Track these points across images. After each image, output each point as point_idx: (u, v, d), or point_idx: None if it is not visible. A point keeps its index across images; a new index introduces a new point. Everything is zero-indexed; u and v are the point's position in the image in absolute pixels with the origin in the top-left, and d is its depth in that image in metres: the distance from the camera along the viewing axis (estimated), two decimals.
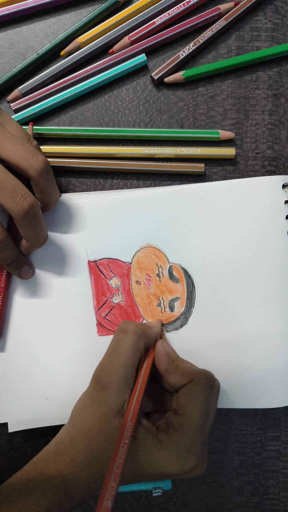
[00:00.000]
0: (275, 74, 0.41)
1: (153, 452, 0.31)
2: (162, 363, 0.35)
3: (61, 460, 0.32)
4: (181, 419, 0.32)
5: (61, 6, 0.41)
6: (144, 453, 0.31)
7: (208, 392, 0.33)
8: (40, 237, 0.34)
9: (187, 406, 0.32)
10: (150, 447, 0.31)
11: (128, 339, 0.34)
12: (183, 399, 0.33)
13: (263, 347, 0.39)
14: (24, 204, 0.31)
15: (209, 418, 0.33)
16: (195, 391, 0.33)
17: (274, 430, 0.42)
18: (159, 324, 0.38)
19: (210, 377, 0.34)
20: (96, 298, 0.39)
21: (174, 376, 0.34)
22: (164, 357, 0.36)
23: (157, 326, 0.38)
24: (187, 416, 0.32)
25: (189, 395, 0.33)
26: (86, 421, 0.32)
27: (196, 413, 0.32)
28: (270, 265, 0.39)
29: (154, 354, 0.36)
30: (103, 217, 0.39)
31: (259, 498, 0.42)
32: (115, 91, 0.41)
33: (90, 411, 0.33)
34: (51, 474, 0.31)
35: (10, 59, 0.41)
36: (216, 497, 0.42)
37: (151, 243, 0.39)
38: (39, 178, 0.32)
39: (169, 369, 0.35)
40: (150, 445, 0.31)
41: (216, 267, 0.39)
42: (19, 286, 0.39)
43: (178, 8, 0.40)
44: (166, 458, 0.31)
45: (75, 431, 0.33)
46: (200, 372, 0.34)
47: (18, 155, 0.32)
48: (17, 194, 0.31)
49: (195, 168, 0.40)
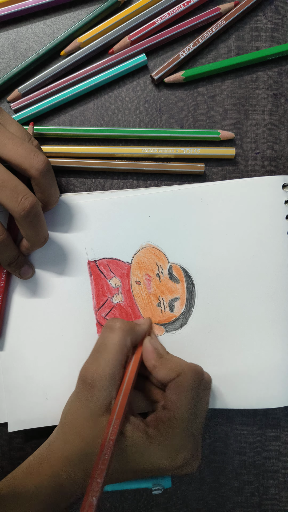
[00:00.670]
0: (275, 74, 0.41)
1: (142, 447, 0.31)
2: (149, 360, 0.35)
3: (53, 458, 0.32)
4: (169, 414, 0.32)
5: (61, 6, 0.41)
6: (133, 449, 0.31)
7: (196, 385, 0.33)
8: (41, 236, 0.34)
9: (175, 400, 0.32)
10: (139, 443, 0.31)
11: (115, 336, 0.34)
12: (171, 394, 0.33)
13: (263, 347, 0.39)
14: (25, 204, 0.31)
15: (199, 413, 0.33)
16: (182, 385, 0.33)
17: (274, 430, 0.42)
18: (147, 322, 0.38)
19: (198, 371, 0.34)
20: (96, 298, 0.39)
21: (161, 372, 0.34)
22: (151, 354, 0.35)
23: (145, 323, 0.38)
24: (175, 411, 0.32)
25: (176, 389, 0.33)
26: (76, 421, 0.32)
27: (184, 407, 0.32)
28: (270, 265, 0.39)
29: (142, 350, 0.36)
30: (103, 217, 0.39)
31: (259, 498, 0.42)
32: (115, 91, 0.41)
33: (79, 411, 0.33)
34: (46, 473, 0.31)
35: (10, 59, 0.41)
36: (216, 497, 0.42)
37: (151, 243, 0.39)
38: (40, 178, 0.32)
39: (156, 365, 0.35)
40: (139, 441, 0.31)
41: (216, 267, 0.39)
42: (19, 285, 0.39)
43: (178, 8, 0.40)
44: (156, 453, 0.31)
45: (66, 430, 0.33)
46: (188, 366, 0.34)
47: (19, 155, 0.32)
48: (19, 194, 0.31)
49: (195, 168, 0.40)
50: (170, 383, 0.33)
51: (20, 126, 0.34)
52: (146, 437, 0.32)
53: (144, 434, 0.32)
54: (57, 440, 0.33)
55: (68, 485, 0.31)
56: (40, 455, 0.33)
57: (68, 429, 0.33)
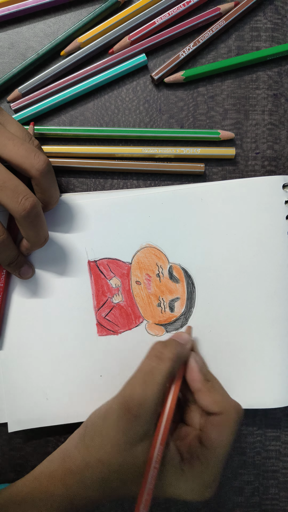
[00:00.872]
0: (275, 74, 0.41)
1: (173, 479, 0.31)
2: (195, 381, 0.34)
3: (70, 481, 0.31)
4: (207, 453, 0.31)
5: (61, 6, 0.41)
6: (165, 479, 0.31)
7: (237, 428, 0.32)
8: (41, 237, 0.34)
9: (215, 440, 0.31)
10: (171, 474, 0.31)
11: (164, 367, 0.32)
12: (212, 432, 0.32)
13: (263, 347, 0.39)
14: (26, 204, 0.31)
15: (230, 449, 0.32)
16: (225, 425, 0.32)
17: (274, 430, 0.42)
18: (190, 338, 0.37)
19: (241, 413, 0.33)
20: (96, 298, 0.39)
21: (206, 399, 0.33)
22: (197, 375, 0.34)
23: (189, 341, 0.36)
24: (214, 451, 0.31)
25: (218, 429, 0.32)
26: (105, 447, 0.31)
27: (223, 448, 0.31)
28: (270, 265, 0.39)
29: (187, 369, 0.35)
30: (103, 217, 0.39)
31: (259, 498, 0.42)
32: (115, 91, 0.41)
33: (112, 438, 0.31)
34: (58, 493, 0.31)
35: (10, 59, 0.41)
36: (216, 497, 0.42)
37: (151, 243, 0.39)
38: (40, 178, 0.32)
39: (202, 390, 0.33)
40: (172, 472, 0.31)
41: (216, 267, 0.39)
42: (18, 285, 0.39)
43: (178, 8, 0.40)
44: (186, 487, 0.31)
45: (90, 453, 0.31)
46: (233, 406, 0.33)
47: (20, 155, 0.32)
48: (19, 194, 0.31)
49: (195, 168, 0.40)
50: (211, 418, 0.32)
51: (20, 126, 0.34)
52: (180, 471, 0.31)
53: (177, 467, 0.31)
54: (76, 461, 0.32)
55: (80, 508, 0.31)
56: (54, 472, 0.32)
57: (93, 453, 0.31)
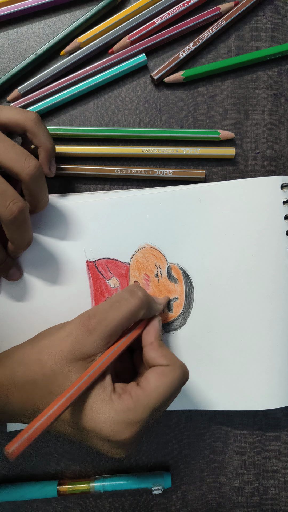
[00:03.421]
0: (275, 74, 0.41)
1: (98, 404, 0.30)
2: (150, 336, 0.34)
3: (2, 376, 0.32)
4: (140, 392, 0.31)
5: (61, 6, 0.41)
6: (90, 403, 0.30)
7: (178, 386, 0.32)
8: (25, 240, 0.35)
9: (153, 384, 0.31)
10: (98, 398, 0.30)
11: (132, 302, 0.33)
12: (152, 376, 0.32)
13: (262, 348, 0.39)
14: (13, 209, 0.31)
15: (162, 410, 0.32)
16: (168, 376, 0.32)
17: (274, 430, 0.42)
18: (164, 302, 0.38)
19: (187, 375, 0.33)
20: (94, 298, 0.39)
21: (155, 353, 0.33)
22: (155, 331, 0.35)
23: (162, 303, 0.37)
24: (148, 394, 0.31)
25: (160, 376, 0.31)
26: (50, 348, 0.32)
27: (158, 396, 0.31)
28: (269, 265, 0.39)
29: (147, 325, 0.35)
30: (102, 217, 0.39)
31: (259, 498, 0.42)
32: (115, 91, 0.41)
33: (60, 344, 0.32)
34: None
35: (10, 59, 0.41)
36: (216, 497, 0.42)
37: (149, 244, 0.39)
38: (30, 182, 0.33)
39: (154, 344, 0.34)
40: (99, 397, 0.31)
41: (215, 267, 0.39)
42: (17, 285, 0.39)
43: (178, 8, 0.40)
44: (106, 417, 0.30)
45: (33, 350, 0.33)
46: (181, 365, 0.33)
47: (10, 158, 0.32)
48: (7, 199, 0.31)
49: (196, 174, 0.40)
50: (157, 367, 0.32)
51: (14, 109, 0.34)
52: (108, 399, 0.31)
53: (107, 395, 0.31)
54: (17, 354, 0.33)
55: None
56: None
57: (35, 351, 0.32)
